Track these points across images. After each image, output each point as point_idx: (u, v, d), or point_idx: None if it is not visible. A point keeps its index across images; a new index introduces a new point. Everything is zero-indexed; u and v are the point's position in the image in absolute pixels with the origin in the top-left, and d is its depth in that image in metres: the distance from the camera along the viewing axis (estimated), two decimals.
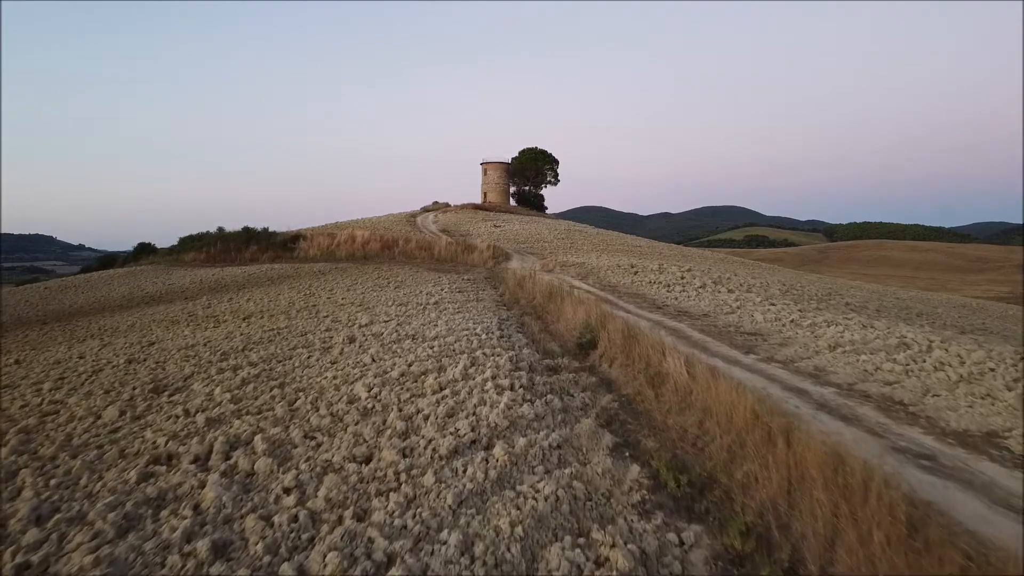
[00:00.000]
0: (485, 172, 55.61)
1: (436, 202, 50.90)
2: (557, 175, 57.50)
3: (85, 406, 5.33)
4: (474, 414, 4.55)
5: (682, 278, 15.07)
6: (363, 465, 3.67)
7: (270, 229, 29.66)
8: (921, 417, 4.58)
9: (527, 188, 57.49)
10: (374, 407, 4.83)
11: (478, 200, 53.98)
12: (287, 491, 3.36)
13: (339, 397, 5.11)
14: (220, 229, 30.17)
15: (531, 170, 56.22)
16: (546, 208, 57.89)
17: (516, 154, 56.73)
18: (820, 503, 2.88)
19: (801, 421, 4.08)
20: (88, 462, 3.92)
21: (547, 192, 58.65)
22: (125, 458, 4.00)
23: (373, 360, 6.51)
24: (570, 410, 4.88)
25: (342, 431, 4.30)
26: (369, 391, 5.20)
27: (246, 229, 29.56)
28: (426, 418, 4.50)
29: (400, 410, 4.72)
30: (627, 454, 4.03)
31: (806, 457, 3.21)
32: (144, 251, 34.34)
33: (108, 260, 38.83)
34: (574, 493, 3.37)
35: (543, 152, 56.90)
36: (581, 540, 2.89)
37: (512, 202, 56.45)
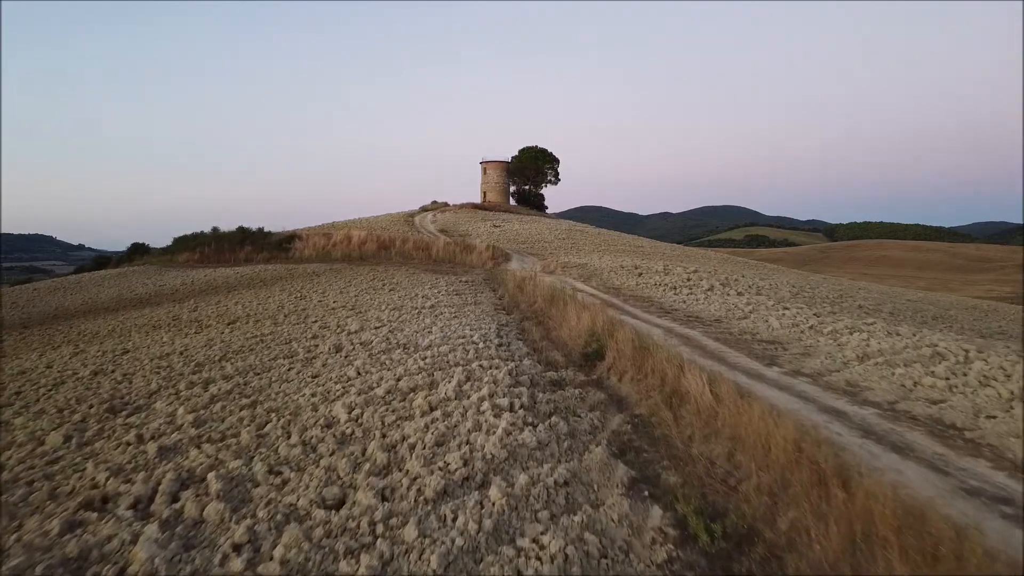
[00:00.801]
0: (485, 171, 54.88)
1: (435, 201, 50.20)
2: (557, 174, 56.65)
3: (30, 429, 4.73)
4: (468, 442, 3.95)
5: (688, 280, 14.46)
6: (333, 512, 3.06)
7: (266, 229, 29.12)
8: (983, 446, 3.98)
9: (527, 187, 56.65)
10: (354, 433, 4.23)
11: (477, 200, 53.28)
12: (237, 548, 2.76)
13: (315, 420, 4.50)
14: (215, 229, 29.63)
15: (531, 169, 55.41)
16: (546, 208, 57.12)
17: (516, 153, 55.95)
18: None
19: (851, 455, 3.48)
20: (10, 504, 3.33)
21: (547, 192, 57.84)
22: (56, 499, 3.40)
23: (359, 373, 5.91)
24: (577, 435, 4.28)
25: (313, 465, 3.69)
26: (350, 412, 4.60)
27: (241, 229, 29.01)
28: (412, 447, 3.90)
29: (383, 436, 4.12)
30: (646, 492, 3.44)
31: (872, 510, 2.61)
32: (138, 251, 33.72)
33: (102, 261, 38.20)
34: (586, 549, 2.77)
35: (543, 151, 56.06)
36: None
37: (512, 201, 55.70)
